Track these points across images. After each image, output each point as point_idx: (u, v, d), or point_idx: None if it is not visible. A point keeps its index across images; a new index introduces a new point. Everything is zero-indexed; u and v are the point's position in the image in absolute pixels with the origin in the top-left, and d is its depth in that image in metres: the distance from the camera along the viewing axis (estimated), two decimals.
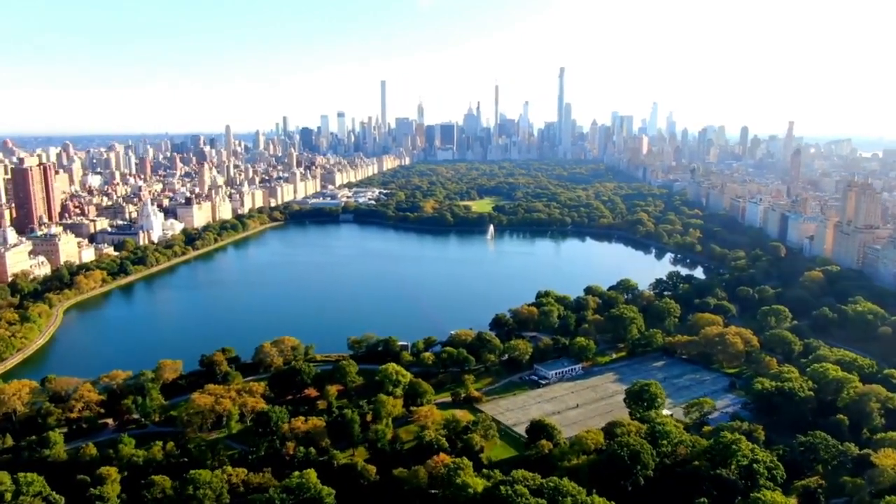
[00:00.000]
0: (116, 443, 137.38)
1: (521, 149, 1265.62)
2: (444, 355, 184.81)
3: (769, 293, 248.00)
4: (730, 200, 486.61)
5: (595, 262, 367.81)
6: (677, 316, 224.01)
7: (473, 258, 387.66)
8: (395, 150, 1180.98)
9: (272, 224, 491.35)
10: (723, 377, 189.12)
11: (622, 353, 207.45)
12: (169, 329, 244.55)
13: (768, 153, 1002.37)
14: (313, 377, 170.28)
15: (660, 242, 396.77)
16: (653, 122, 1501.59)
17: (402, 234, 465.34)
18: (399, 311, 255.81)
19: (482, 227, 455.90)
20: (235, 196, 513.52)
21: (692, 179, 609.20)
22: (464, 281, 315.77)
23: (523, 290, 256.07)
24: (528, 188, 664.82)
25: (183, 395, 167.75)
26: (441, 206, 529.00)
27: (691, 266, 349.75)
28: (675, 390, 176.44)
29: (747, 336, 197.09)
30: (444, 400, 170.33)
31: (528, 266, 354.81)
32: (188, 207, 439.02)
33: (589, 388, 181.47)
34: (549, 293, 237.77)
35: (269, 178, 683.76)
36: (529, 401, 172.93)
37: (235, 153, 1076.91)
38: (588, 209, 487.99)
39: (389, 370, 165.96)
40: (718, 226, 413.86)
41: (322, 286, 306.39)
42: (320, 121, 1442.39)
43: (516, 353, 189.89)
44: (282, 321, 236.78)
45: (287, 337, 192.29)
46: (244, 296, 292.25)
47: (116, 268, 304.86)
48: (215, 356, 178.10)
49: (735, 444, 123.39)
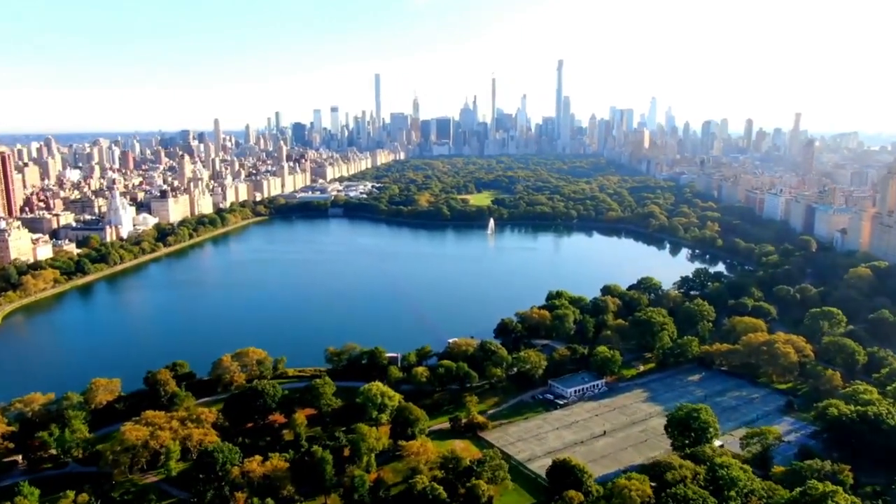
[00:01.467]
0: (14, 493, 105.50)
1: (519, 144, 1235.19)
2: (440, 370, 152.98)
3: (811, 293, 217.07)
4: (745, 192, 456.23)
5: (606, 259, 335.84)
6: (711, 319, 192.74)
7: (473, 255, 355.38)
8: (390, 145, 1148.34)
9: (256, 219, 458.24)
10: (775, 395, 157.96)
11: (650, 365, 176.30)
12: (119, 338, 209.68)
13: (774, 146, 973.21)
14: (280, 400, 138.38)
15: (675, 236, 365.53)
16: (651, 117, 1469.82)
17: (394, 230, 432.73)
18: (389, 316, 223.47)
19: (481, 222, 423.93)
20: (217, 189, 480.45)
21: (702, 172, 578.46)
22: (463, 280, 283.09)
23: (531, 291, 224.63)
24: (528, 181, 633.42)
25: (118, 423, 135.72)
26: (437, 199, 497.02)
27: (711, 262, 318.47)
28: (720, 411, 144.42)
29: (799, 344, 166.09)
30: (441, 426, 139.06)
31: (534, 263, 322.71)
32: (163, 201, 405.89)
33: (616, 410, 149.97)
34: (562, 294, 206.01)
35: (257, 172, 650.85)
36: (545, 426, 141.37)
37: (224, 148, 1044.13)
38: (594, 202, 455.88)
39: (373, 391, 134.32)
40: (736, 218, 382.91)
41: (302, 287, 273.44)
42: (313, 116, 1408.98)
43: (527, 366, 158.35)
44: (252, 328, 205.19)
45: (252, 348, 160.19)
46: (213, 298, 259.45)
47: (73, 267, 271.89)
48: (160, 374, 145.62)
49: (831, 499, 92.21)
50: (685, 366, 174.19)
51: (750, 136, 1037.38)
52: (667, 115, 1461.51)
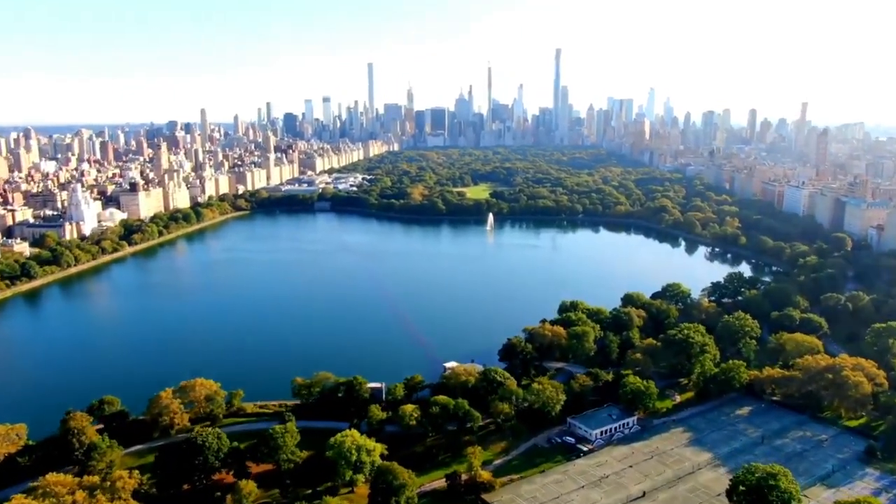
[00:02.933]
0: None
1: (516, 135, 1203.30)
2: (434, 409, 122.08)
3: (864, 302, 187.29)
4: (761, 185, 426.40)
5: (618, 259, 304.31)
6: (756, 337, 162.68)
7: (470, 254, 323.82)
8: (384, 136, 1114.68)
9: (236, 214, 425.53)
10: (847, 435, 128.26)
11: (688, 395, 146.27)
12: (44, 364, 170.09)
13: (779, 137, 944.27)
14: (227, 453, 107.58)
15: (691, 233, 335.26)
16: (650, 108, 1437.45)
17: (385, 225, 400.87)
18: (373, 330, 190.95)
19: (479, 217, 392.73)
20: (195, 182, 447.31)
21: (711, 163, 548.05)
22: (459, 286, 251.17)
23: (538, 299, 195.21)
24: (528, 173, 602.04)
25: (20, 485, 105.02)
26: (431, 192, 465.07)
27: (734, 262, 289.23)
28: (785, 460, 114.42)
29: (870, 370, 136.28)
30: (435, 485, 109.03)
31: (539, 264, 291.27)
32: (133, 195, 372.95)
33: (654, 458, 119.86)
34: (578, 305, 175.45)
35: (242, 164, 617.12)
36: (567, 484, 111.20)
37: (211, 139, 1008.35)
38: (600, 195, 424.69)
39: (347, 444, 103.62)
40: (756, 213, 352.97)
41: (275, 295, 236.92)
42: (304, 106, 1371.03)
43: (541, 400, 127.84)
44: (209, 348, 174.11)
45: (200, 380, 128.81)
46: (170, 310, 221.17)
47: (17, 270, 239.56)
48: (76, 418, 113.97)
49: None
50: (729, 394, 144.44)
51: (753, 126, 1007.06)
52: (665, 106, 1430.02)
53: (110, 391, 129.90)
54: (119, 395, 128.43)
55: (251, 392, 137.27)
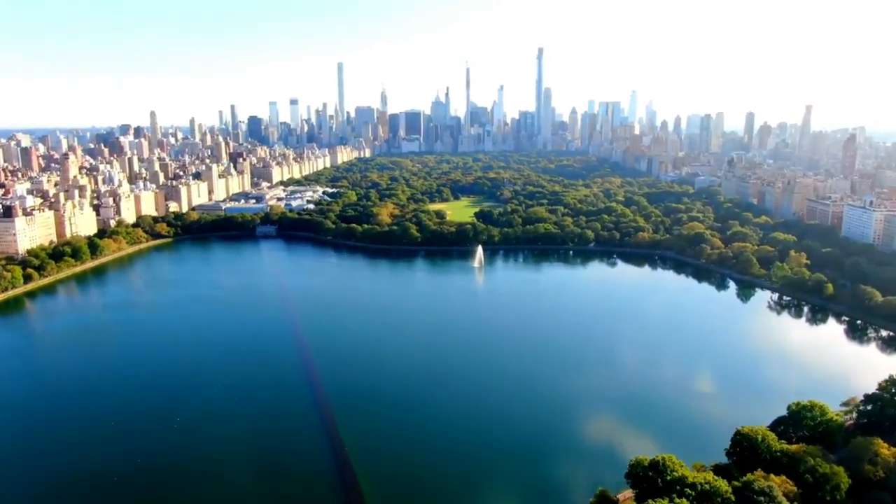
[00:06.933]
0: None
1: (496, 139, 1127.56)
2: None
3: None
4: (805, 202, 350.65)
5: (660, 316, 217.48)
6: None
7: (454, 308, 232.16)
8: (354, 142, 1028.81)
9: (154, 242, 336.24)
10: None
11: None
12: None
13: (782, 142, 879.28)
14: None
15: (745, 273, 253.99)
16: (632, 111, 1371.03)
17: (344, 258, 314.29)
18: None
19: (463, 246, 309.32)
20: (107, 201, 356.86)
21: (730, 173, 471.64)
22: (443, 376, 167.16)
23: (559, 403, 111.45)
24: (516, 184, 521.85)
25: None
26: (404, 212, 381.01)
27: (814, 318, 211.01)
28: None
29: None
30: None
31: (558, 331, 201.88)
32: (7, 222, 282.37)
33: None
34: (661, 465, 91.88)
35: (184, 175, 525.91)
36: None
37: (161, 144, 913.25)
38: (613, 217, 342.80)
39: None
40: (818, 242, 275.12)
41: (125, 403, 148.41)
42: (269, 110, 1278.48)
43: None
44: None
45: None
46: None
47: None
48: None
49: None
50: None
51: (751, 131, 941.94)
52: (647, 110, 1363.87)
53: None
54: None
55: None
